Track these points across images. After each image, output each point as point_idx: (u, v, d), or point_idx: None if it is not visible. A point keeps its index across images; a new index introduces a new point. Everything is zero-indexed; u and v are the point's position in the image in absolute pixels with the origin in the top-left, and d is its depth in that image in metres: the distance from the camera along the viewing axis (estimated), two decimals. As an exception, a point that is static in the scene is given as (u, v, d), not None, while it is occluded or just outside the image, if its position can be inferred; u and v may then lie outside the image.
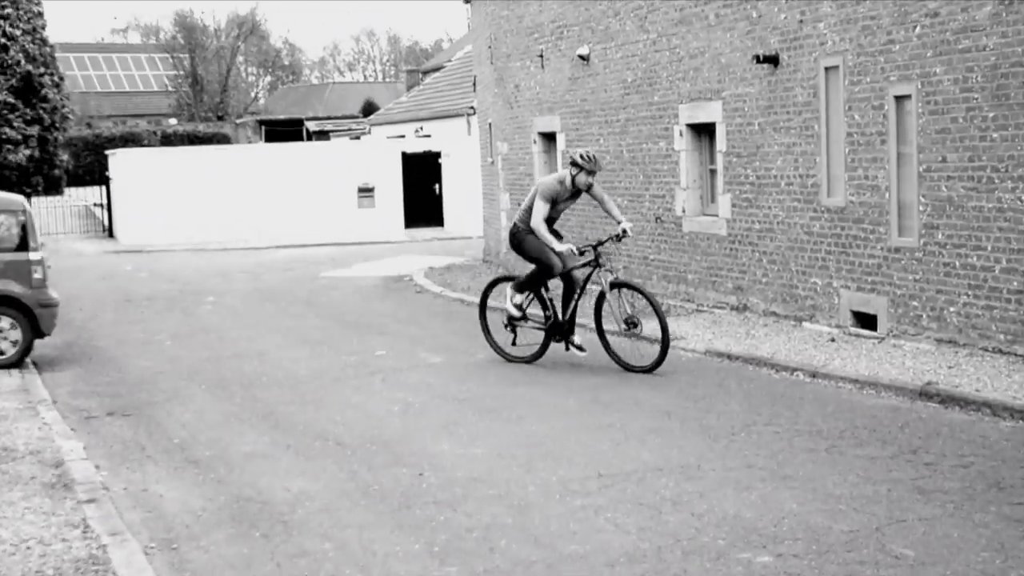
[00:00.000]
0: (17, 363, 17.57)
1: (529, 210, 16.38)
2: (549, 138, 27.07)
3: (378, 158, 45.14)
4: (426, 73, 70.03)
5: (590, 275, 16.45)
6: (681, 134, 21.52)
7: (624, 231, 16.19)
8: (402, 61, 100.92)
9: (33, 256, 17.94)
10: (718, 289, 20.74)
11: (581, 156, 16.03)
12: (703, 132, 21.27)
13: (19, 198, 19.21)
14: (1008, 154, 14.61)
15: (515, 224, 16.79)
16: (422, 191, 44.33)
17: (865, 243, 17.18)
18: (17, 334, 17.71)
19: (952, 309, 15.64)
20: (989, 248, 15.03)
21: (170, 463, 11.73)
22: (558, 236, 16.42)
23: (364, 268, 32.62)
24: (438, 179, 44.42)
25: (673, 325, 19.10)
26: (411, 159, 44.63)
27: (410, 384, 15.46)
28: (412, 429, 12.79)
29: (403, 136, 50.81)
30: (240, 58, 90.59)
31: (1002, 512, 9.08)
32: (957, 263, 15.54)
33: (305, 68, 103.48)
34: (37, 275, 17.85)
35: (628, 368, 15.54)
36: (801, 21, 18.08)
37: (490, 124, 31.05)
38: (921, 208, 16.07)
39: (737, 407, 13.40)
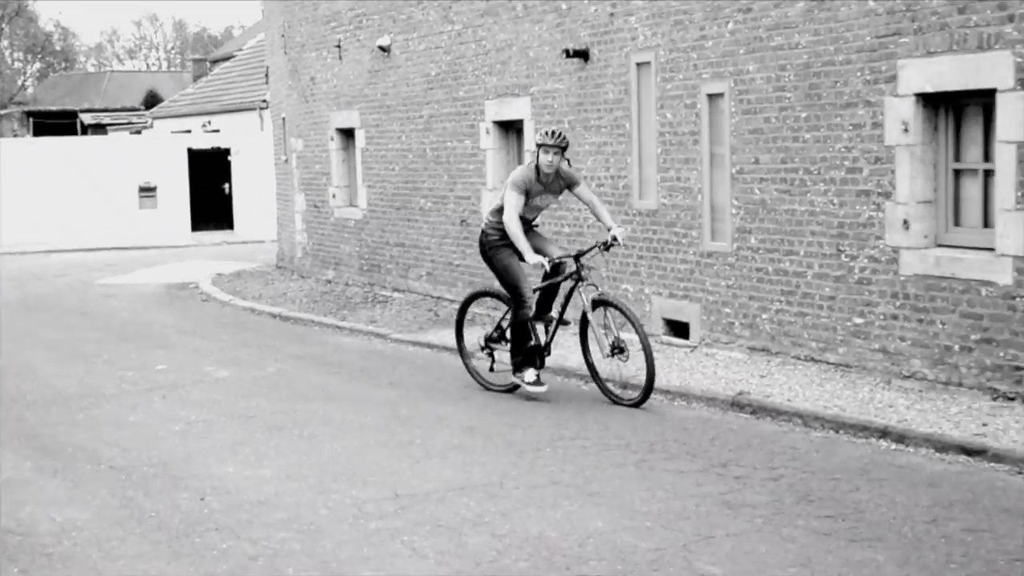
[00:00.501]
0: None
1: (500, 209, 14.88)
2: (348, 134, 27.21)
3: (161, 155, 44.77)
4: (215, 62, 69.61)
5: (571, 291, 15.04)
6: (487, 132, 21.77)
7: (614, 238, 14.57)
8: (188, 49, 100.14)
9: None
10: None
11: (544, 133, 14.71)
12: (511, 130, 21.58)
13: None
14: (820, 156, 15.05)
15: (483, 229, 15.39)
16: (210, 191, 44.13)
17: (677, 248, 17.51)
18: None
19: (765, 316, 16.05)
20: (801, 253, 15.43)
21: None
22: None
23: (145, 275, 32.30)
24: (228, 178, 44.26)
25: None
26: (198, 156, 44.41)
27: (193, 401, 15.19)
28: (194, 450, 12.53)
29: (189, 131, 50.48)
30: (4, 42, 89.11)
31: (810, 525, 9.32)
32: (770, 268, 15.93)
33: (80, 55, 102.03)
34: None
35: (616, 401, 14.30)
36: (612, 14, 18.35)
37: (284, 119, 30.97)
38: (734, 211, 16.43)
39: (544, 421, 13.49)
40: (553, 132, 14.60)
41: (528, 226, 14.89)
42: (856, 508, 9.78)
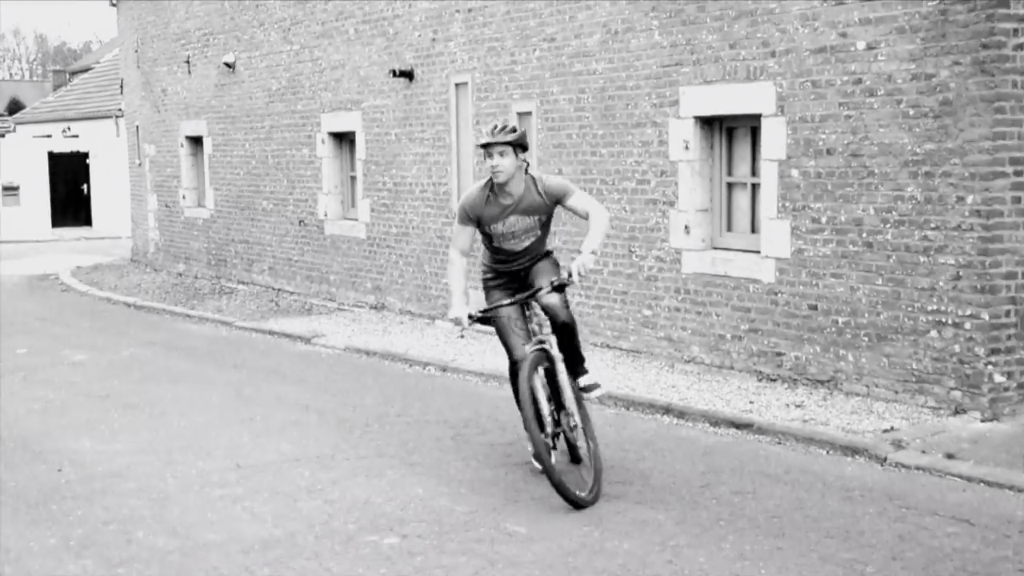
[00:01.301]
0: None
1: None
2: (196, 142, 26.84)
3: (23, 157, 43.85)
4: (74, 74, 68.24)
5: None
6: (323, 141, 21.68)
7: (569, 274, 9.31)
8: (50, 61, 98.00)
9: None
10: (358, 289, 21.00)
11: (488, 129, 9.61)
12: (344, 140, 21.51)
13: None
14: (615, 168, 15.26)
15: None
16: (70, 191, 43.39)
17: None
18: None
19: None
20: (598, 254, 15.70)
21: None
22: (514, 285, 9.98)
23: (7, 266, 31.65)
24: (87, 179, 43.52)
25: (315, 324, 19.30)
26: (58, 158, 43.60)
27: (52, 382, 14.94)
28: (53, 426, 12.35)
29: (50, 136, 49.48)
30: None
31: (603, 490, 9.37)
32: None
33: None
34: None
35: (572, 500, 9.02)
36: (433, 39, 18.41)
37: (137, 127, 30.49)
38: None
39: (372, 400, 13.49)
40: (495, 126, 9.52)
41: (520, 260, 9.88)
42: (642, 475, 9.94)
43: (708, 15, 13.78)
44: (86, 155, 43.78)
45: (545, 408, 9.41)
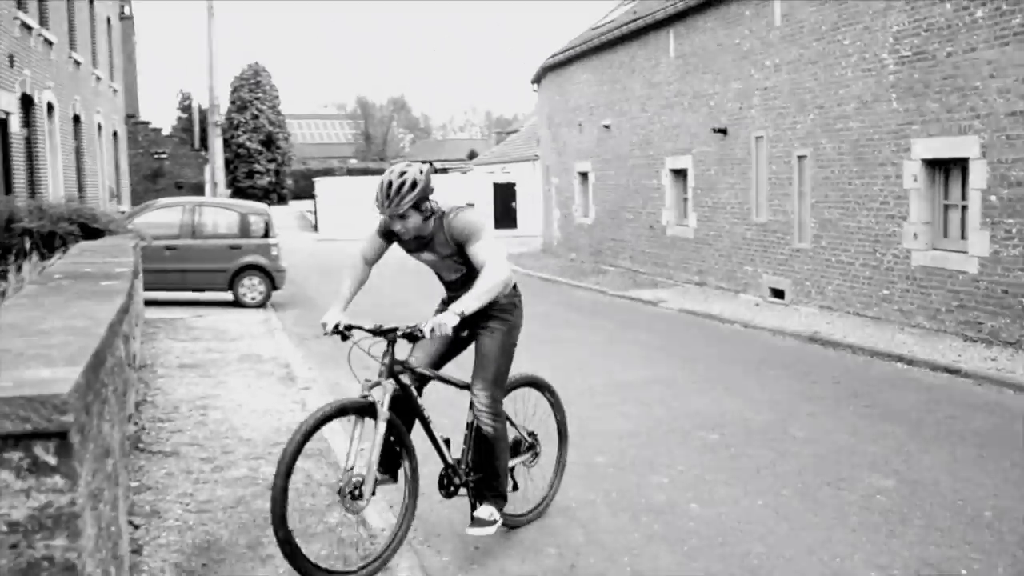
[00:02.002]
0: (262, 305, 17.83)
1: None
2: (584, 175, 27.00)
3: (478, 185, 45.34)
4: (508, 133, 69.88)
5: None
6: (665, 175, 21.54)
7: (419, 330, 4.95)
8: (493, 125, 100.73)
9: (272, 241, 18.34)
10: (687, 271, 20.75)
11: (377, 193, 5.17)
12: (680, 174, 21.25)
13: (264, 206, 19.66)
14: (864, 193, 14.65)
15: None
16: (505, 206, 44.60)
17: (778, 245, 17.18)
18: (263, 287, 18.07)
19: (830, 288, 15.70)
20: (852, 251, 15.06)
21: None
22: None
23: None
24: (514, 199, 44.63)
25: (659, 293, 19.22)
26: (499, 186, 44.81)
27: None
28: None
29: (493, 172, 50.87)
30: (394, 123, 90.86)
31: (857, 410, 9.18)
32: (833, 259, 15.58)
33: (434, 129, 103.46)
34: (274, 252, 18.21)
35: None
36: (740, 107, 18.08)
37: (547, 166, 31.04)
38: (812, 225, 16.06)
39: (698, 344, 13.36)
40: (388, 187, 5.08)
41: (457, 291, 5.45)
42: (883, 401, 9.61)
43: (931, 90, 13.08)
44: (514, 184, 44.78)
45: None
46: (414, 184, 5.04)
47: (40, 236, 12.92)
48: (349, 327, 5.21)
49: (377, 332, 5.17)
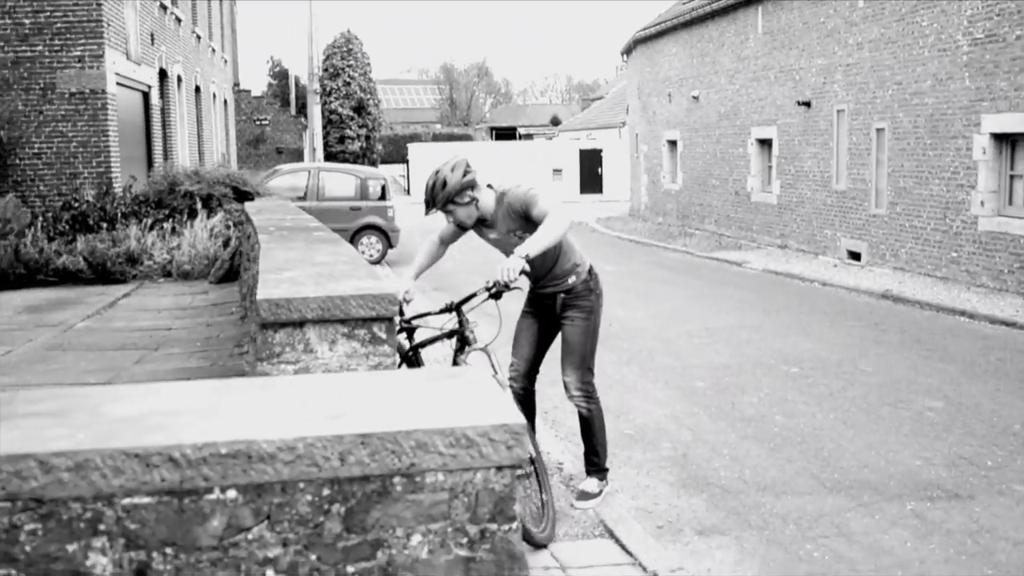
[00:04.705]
0: (378, 262, 19.15)
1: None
2: (673, 143, 27.82)
3: (563, 151, 46.31)
4: (592, 100, 70.78)
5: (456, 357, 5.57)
6: (752, 144, 22.56)
7: (491, 285, 5.35)
8: (573, 91, 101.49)
9: (388, 203, 20.02)
10: (770, 235, 21.62)
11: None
12: (765, 144, 22.11)
13: (382, 171, 21.33)
14: (937, 164, 15.50)
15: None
16: (590, 171, 45.58)
17: (856, 211, 17.99)
18: (380, 246, 19.61)
19: (903, 250, 16.51)
20: (924, 217, 15.87)
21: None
22: (539, 313, 5.93)
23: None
24: (600, 165, 45.61)
25: (743, 255, 20.18)
26: (584, 153, 45.72)
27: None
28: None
29: (579, 139, 52.04)
30: (475, 88, 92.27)
31: (919, 353, 10.26)
32: (906, 224, 16.40)
33: (514, 94, 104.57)
34: (390, 214, 19.86)
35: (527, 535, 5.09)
36: (824, 82, 18.97)
37: (636, 134, 31.91)
38: (888, 192, 16.86)
39: (780, 299, 14.37)
40: (431, 184, 5.49)
41: (539, 281, 5.78)
42: (943, 346, 10.65)
43: (1000, 69, 14.08)
44: (600, 150, 45.70)
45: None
46: (444, 182, 5.40)
47: (200, 198, 14.87)
48: (413, 319, 5.58)
49: (459, 304, 5.43)
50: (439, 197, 5.42)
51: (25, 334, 8.96)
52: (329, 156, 55.48)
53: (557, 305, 5.75)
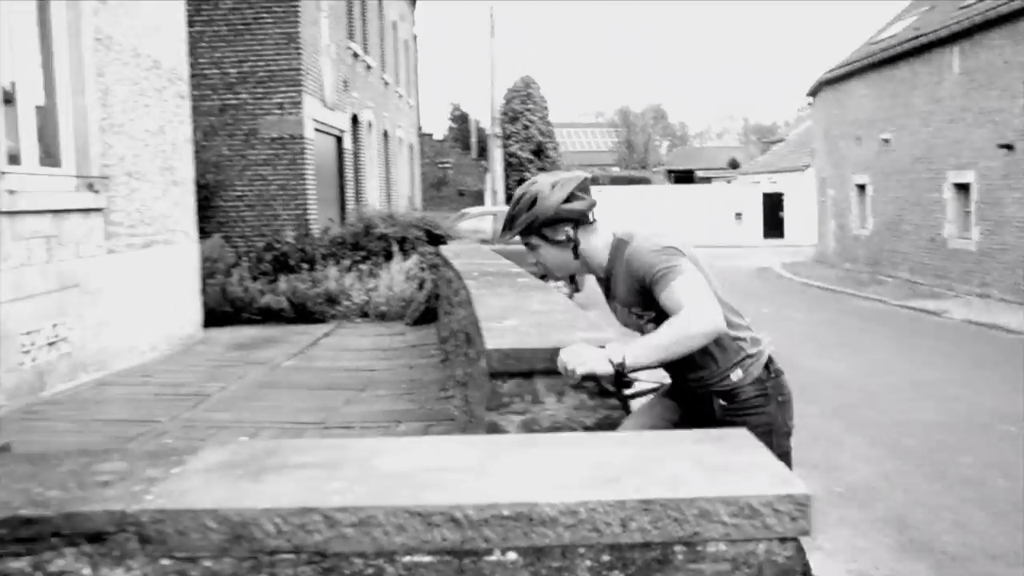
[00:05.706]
0: None
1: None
2: (862, 188, 27.34)
3: (744, 195, 45.90)
4: (772, 143, 69.64)
5: None
6: (948, 189, 21.86)
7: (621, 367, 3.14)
8: (750, 132, 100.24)
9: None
10: (969, 283, 20.90)
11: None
12: (962, 188, 21.43)
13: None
14: None
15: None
16: (772, 216, 44.92)
17: None
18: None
19: None
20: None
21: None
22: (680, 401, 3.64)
23: (740, 261, 33.04)
24: (782, 208, 44.90)
25: (940, 304, 19.40)
26: (767, 196, 45.25)
27: (783, 329, 15.11)
28: (797, 353, 12.24)
29: (758, 182, 51.29)
30: (652, 131, 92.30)
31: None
32: None
33: (691, 137, 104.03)
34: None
35: None
36: None
37: (823, 178, 31.50)
38: None
39: (987, 351, 13.72)
40: (515, 198, 3.45)
41: (681, 375, 3.54)
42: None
43: None
44: (781, 194, 45.02)
45: None
46: (534, 200, 3.41)
47: (394, 240, 15.26)
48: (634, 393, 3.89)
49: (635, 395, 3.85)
50: (519, 220, 3.45)
51: (236, 370, 9.33)
52: (509, 199, 56.32)
53: (716, 411, 3.45)
